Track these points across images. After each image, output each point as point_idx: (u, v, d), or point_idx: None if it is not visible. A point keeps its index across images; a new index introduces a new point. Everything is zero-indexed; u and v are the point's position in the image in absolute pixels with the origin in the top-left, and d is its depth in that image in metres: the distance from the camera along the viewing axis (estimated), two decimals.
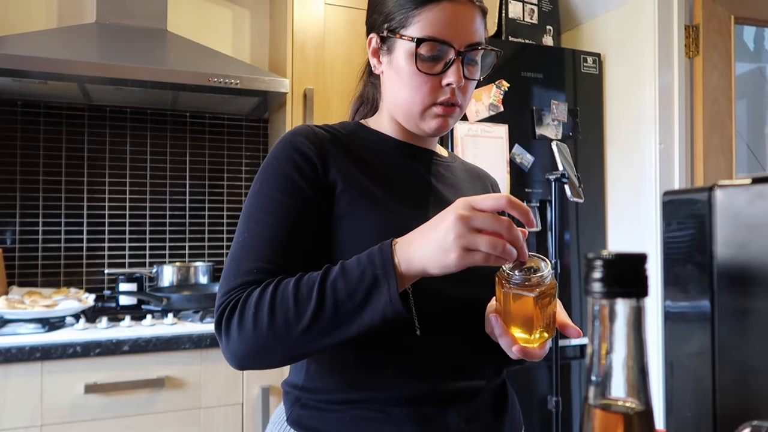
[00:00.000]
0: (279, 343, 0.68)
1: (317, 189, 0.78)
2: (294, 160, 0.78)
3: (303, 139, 0.80)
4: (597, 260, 0.34)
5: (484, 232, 0.61)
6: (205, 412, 1.63)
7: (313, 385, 0.78)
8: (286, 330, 0.67)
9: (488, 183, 1.00)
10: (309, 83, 2.00)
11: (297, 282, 0.69)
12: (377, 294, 0.65)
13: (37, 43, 1.72)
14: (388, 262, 0.65)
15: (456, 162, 0.98)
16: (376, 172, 0.83)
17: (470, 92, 0.85)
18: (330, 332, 0.67)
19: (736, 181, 0.42)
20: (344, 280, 0.66)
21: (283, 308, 0.67)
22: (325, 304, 0.66)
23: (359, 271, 0.66)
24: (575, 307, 2.13)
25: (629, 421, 0.33)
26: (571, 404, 2.11)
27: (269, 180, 0.78)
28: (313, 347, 0.69)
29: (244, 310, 0.70)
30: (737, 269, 0.41)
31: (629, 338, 0.33)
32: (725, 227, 0.42)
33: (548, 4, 2.30)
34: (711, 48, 2.06)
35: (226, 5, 2.32)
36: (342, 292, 0.66)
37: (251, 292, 0.70)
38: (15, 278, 2.02)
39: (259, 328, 0.68)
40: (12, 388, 1.46)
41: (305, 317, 0.66)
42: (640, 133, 2.11)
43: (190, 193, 2.26)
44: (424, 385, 0.75)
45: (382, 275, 0.65)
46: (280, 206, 0.76)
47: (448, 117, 0.83)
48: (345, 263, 0.68)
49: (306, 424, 0.77)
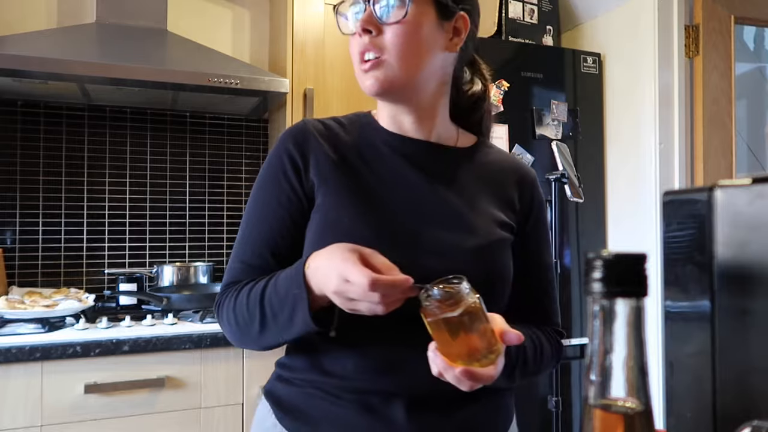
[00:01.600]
0: (248, 339, 0.81)
1: (300, 190, 0.82)
2: (282, 162, 0.83)
3: (291, 139, 0.84)
4: (597, 260, 0.34)
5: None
6: (205, 412, 1.63)
7: (288, 363, 0.86)
8: (248, 331, 0.79)
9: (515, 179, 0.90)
10: (309, 83, 2.00)
11: (250, 290, 0.78)
12: (297, 311, 0.72)
13: (37, 43, 1.72)
14: (301, 282, 0.71)
15: (479, 153, 0.90)
16: (358, 169, 0.83)
17: (399, 38, 0.77)
18: (277, 335, 0.77)
19: (736, 181, 0.42)
20: (276, 295, 0.75)
21: (241, 315, 0.79)
22: (266, 315, 0.76)
23: (284, 288, 0.74)
24: (575, 307, 2.13)
25: (629, 421, 0.33)
26: (571, 404, 2.11)
27: (262, 181, 0.85)
28: (273, 343, 0.80)
29: (222, 311, 0.83)
30: (737, 269, 0.41)
31: (629, 338, 0.33)
32: (725, 227, 0.42)
33: (548, 4, 2.30)
34: (711, 48, 2.06)
35: (226, 5, 2.32)
36: (275, 305, 0.75)
37: (229, 293, 0.82)
38: (15, 278, 2.02)
39: (232, 327, 0.82)
40: (12, 388, 1.46)
41: (255, 324, 0.78)
42: (640, 133, 2.11)
43: (190, 193, 2.26)
44: (372, 381, 0.78)
45: (299, 295, 0.72)
46: (267, 207, 0.83)
47: (372, 72, 0.78)
48: (278, 277, 0.76)
49: (275, 393, 0.85)
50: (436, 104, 0.86)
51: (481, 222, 0.83)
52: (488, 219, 0.84)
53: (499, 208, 0.86)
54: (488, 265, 0.81)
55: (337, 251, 0.68)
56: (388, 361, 0.78)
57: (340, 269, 0.65)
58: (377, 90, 0.80)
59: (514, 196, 0.89)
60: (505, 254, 0.84)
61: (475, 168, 0.88)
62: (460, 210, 0.83)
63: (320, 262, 0.70)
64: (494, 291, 0.81)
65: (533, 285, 0.91)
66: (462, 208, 0.83)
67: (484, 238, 0.82)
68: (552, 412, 1.85)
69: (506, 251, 0.85)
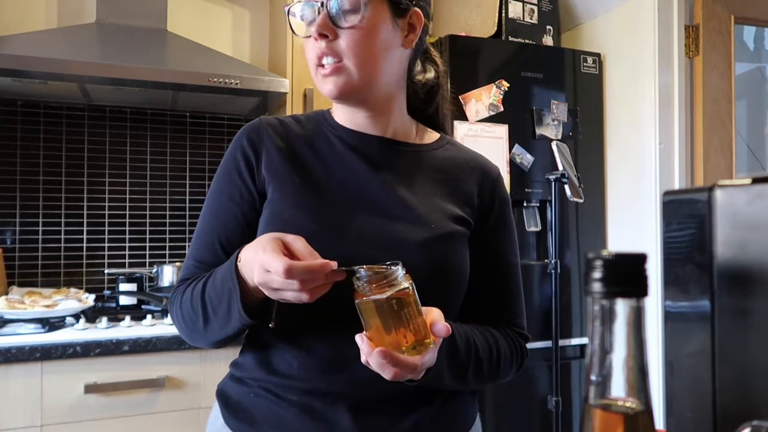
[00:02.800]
0: (196, 335, 0.82)
1: (252, 187, 0.82)
2: (235, 159, 0.84)
3: (245, 136, 0.85)
4: (597, 260, 0.34)
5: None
6: (205, 412, 1.63)
7: (240, 361, 0.86)
8: (195, 327, 0.80)
9: (477, 176, 0.89)
10: (309, 83, 2.00)
11: (194, 287, 0.79)
12: (233, 305, 0.72)
13: (37, 43, 1.72)
14: (233, 274, 0.72)
15: (440, 149, 0.90)
16: (308, 165, 0.83)
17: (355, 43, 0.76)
18: (219, 331, 0.77)
19: (736, 181, 0.42)
20: (214, 290, 0.75)
21: (187, 311, 0.80)
22: (207, 311, 0.77)
23: (220, 281, 0.74)
24: (575, 307, 2.13)
25: (629, 421, 0.33)
26: (571, 404, 2.11)
27: (216, 178, 0.86)
28: (217, 338, 0.80)
29: (173, 307, 0.84)
30: (737, 269, 0.41)
31: (629, 338, 0.33)
32: (725, 227, 0.42)
33: (548, 4, 2.30)
34: (711, 48, 2.06)
35: (226, 5, 2.32)
36: (214, 300, 0.75)
37: (181, 290, 0.82)
38: (15, 278, 2.02)
39: (181, 324, 0.83)
40: (12, 388, 1.46)
41: (199, 320, 0.78)
42: (640, 133, 2.11)
43: (190, 193, 2.26)
44: (317, 379, 0.77)
45: (232, 288, 0.72)
46: (219, 205, 0.83)
47: (332, 77, 0.78)
48: (217, 271, 0.76)
49: (225, 392, 0.85)
50: (392, 100, 0.85)
51: (433, 216, 0.82)
52: (441, 213, 0.83)
53: (454, 203, 0.85)
54: (439, 257, 0.79)
55: (262, 241, 0.67)
56: (333, 359, 0.77)
57: (261, 259, 0.65)
58: (337, 95, 0.79)
59: (473, 191, 0.87)
60: (458, 247, 0.82)
61: (432, 163, 0.87)
62: (411, 204, 0.82)
63: (249, 254, 0.70)
64: (447, 285, 0.81)
65: (496, 285, 0.88)
66: (413, 202, 0.82)
67: (435, 230, 0.80)
68: (552, 412, 1.85)
69: (459, 245, 0.83)
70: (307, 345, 0.78)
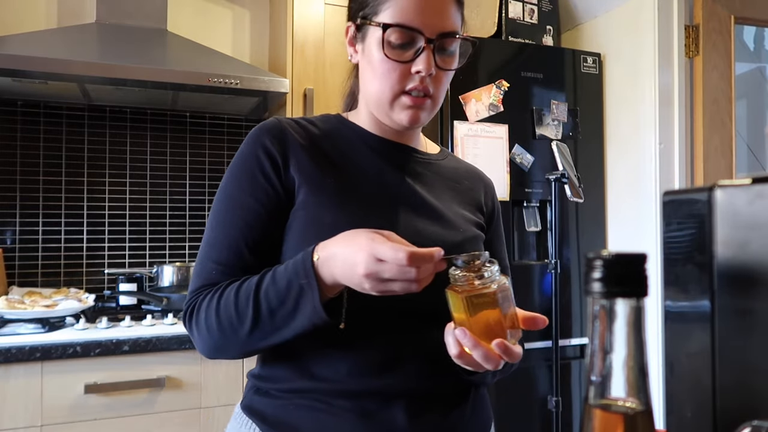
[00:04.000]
0: (231, 343, 0.75)
1: (279, 187, 0.79)
2: (258, 158, 0.80)
3: (268, 134, 0.81)
4: (597, 260, 0.34)
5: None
6: (205, 412, 1.63)
7: (267, 374, 0.81)
8: (233, 333, 0.74)
9: (481, 185, 0.95)
10: (309, 83, 2.00)
11: (238, 289, 0.74)
12: (303, 302, 0.69)
13: (37, 43, 1.72)
14: (309, 271, 0.69)
15: (445, 159, 0.94)
16: (339, 167, 0.82)
17: (444, 84, 0.82)
18: (270, 335, 0.73)
19: (736, 181, 0.42)
20: (274, 289, 0.71)
21: (227, 315, 0.73)
22: (261, 312, 0.71)
23: (286, 280, 0.70)
24: (575, 307, 2.13)
25: (629, 421, 0.33)
26: (571, 404, 2.11)
27: (234, 178, 0.82)
28: (261, 346, 0.75)
29: (199, 314, 0.77)
30: (737, 269, 0.41)
31: (629, 338, 0.33)
32: (725, 227, 0.42)
33: (548, 4, 2.30)
34: (711, 48, 2.06)
35: (226, 5, 2.32)
36: (274, 300, 0.71)
37: (206, 296, 0.76)
38: (15, 278, 2.02)
39: (211, 332, 0.75)
40: (12, 388, 1.46)
41: (246, 324, 0.72)
42: (640, 133, 2.11)
43: (190, 193, 2.26)
44: (369, 381, 0.76)
45: (306, 285, 0.69)
46: (242, 206, 0.79)
47: (419, 109, 0.80)
48: (276, 271, 0.73)
49: (256, 409, 0.81)
50: None
51: (458, 221, 0.86)
52: (463, 219, 0.87)
53: (469, 210, 0.89)
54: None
55: (358, 235, 0.66)
56: (385, 360, 0.76)
57: (369, 249, 0.63)
58: (415, 126, 0.82)
59: (481, 199, 0.93)
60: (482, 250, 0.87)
61: (443, 172, 0.91)
62: (439, 208, 0.85)
63: (336, 248, 0.67)
64: None
65: None
66: (440, 208, 0.85)
67: (464, 234, 0.84)
68: (552, 412, 1.85)
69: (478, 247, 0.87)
70: (352, 347, 0.76)
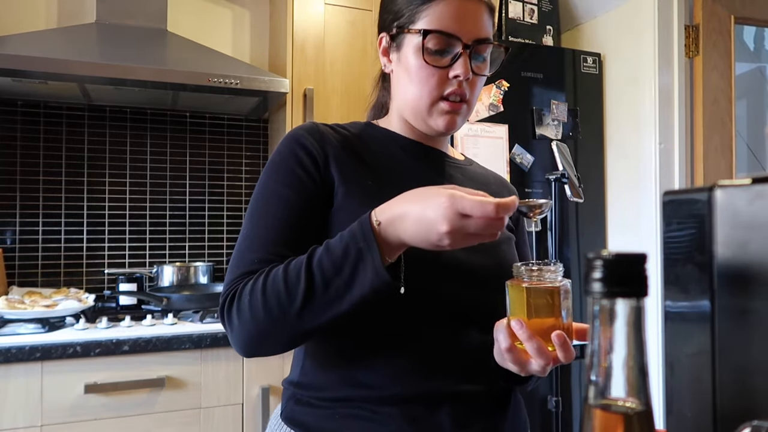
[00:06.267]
0: (277, 326, 0.70)
1: (319, 183, 0.80)
2: (297, 155, 0.80)
3: (306, 134, 0.82)
4: (597, 260, 0.34)
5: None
6: (205, 412, 1.63)
7: (307, 382, 0.80)
8: (281, 313, 0.69)
9: (506, 191, 0.97)
10: (309, 83, 2.00)
11: (286, 267, 0.70)
12: (363, 266, 0.66)
13: (37, 43, 1.72)
14: (369, 234, 0.66)
15: (472, 165, 0.97)
16: (376, 169, 0.83)
17: (478, 88, 0.85)
18: (324, 310, 0.68)
19: (736, 181, 0.42)
20: (329, 258, 0.68)
21: (275, 293, 0.69)
22: (315, 283, 0.68)
23: (342, 246, 0.68)
24: (575, 307, 2.13)
25: (629, 421, 0.33)
26: (571, 404, 2.11)
27: (273, 174, 0.81)
28: (310, 326, 0.70)
29: (241, 299, 0.72)
30: (737, 269, 0.41)
31: (629, 338, 0.33)
32: (725, 227, 0.42)
33: (548, 4, 2.30)
34: (711, 48, 2.06)
35: (226, 5, 2.32)
36: (329, 269, 0.67)
37: (248, 281, 0.73)
38: (15, 278, 2.02)
39: (255, 315, 0.70)
40: (12, 388, 1.46)
41: (297, 299, 0.68)
42: (640, 133, 2.11)
43: (190, 193, 2.26)
44: (415, 386, 0.75)
45: (365, 248, 0.66)
46: (282, 199, 0.78)
47: (456, 114, 0.82)
48: (328, 241, 0.70)
49: (298, 419, 0.79)
50: None
51: None
52: None
53: None
54: (505, 258, 0.85)
55: (431, 192, 0.64)
56: (428, 363, 0.76)
57: (453, 204, 0.61)
58: (450, 130, 0.84)
59: None
60: (512, 250, 0.90)
61: (472, 177, 0.94)
62: None
63: (407, 207, 0.65)
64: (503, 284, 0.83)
65: None
66: None
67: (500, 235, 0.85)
68: (552, 412, 1.85)
69: (513, 248, 0.91)
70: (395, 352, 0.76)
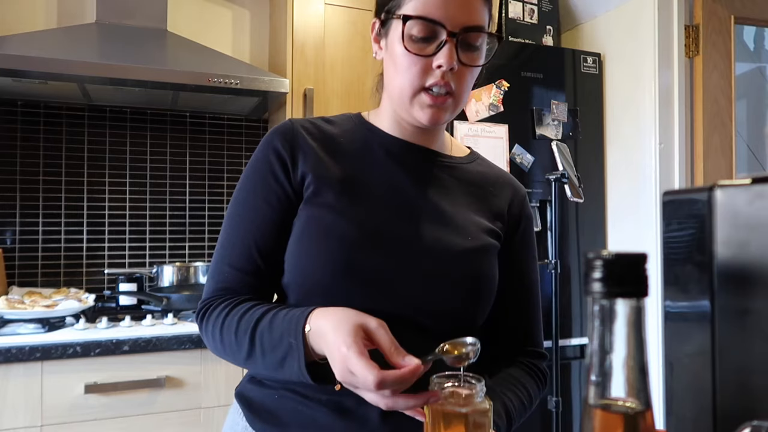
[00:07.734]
0: (232, 360, 0.79)
1: (289, 189, 0.80)
2: (269, 161, 0.81)
3: (279, 137, 0.82)
4: (597, 260, 0.34)
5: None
6: (205, 412, 1.63)
7: None
8: (232, 354, 0.78)
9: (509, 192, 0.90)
10: (309, 83, 2.00)
11: (241, 316, 0.76)
12: (291, 359, 0.70)
13: (37, 43, 1.72)
14: (299, 336, 0.69)
15: (471, 163, 0.91)
16: (350, 168, 0.81)
17: (468, 81, 0.78)
18: (264, 369, 0.76)
19: (736, 181, 0.42)
20: (269, 336, 0.72)
21: (228, 338, 0.76)
22: (255, 350, 0.74)
23: (280, 331, 0.71)
24: (575, 307, 2.13)
25: (629, 421, 0.33)
26: (571, 404, 2.11)
27: (247, 182, 0.82)
28: (260, 373, 0.80)
29: (208, 323, 0.80)
30: (737, 269, 0.41)
31: (629, 338, 0.33)
32: (725, 227, 0.42)
33: (548, 4, 2.30)
34: (711, 48, 2.06)
35: (226, 5, 2.32)
36: (267, 345, 0.72)
37: (217, 306, 0.79)
38: (15, 278, 2.02)
39: (216, 345, 0.79)
40: (12, 388, 1.46)
41: (242, 352, 0.75)
42: (640, 133, 2.11)
43: (190, 193, 2.26)
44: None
45: (294, 345, 0.69)
46: (254, 209, 0.80)
47: (440, 108, 0.77)
48: (276, 315, 0.73)
49: (246, 395, 0.84)
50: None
51: (469, 228, 0.83)
52: (475, 226, 0.84)
53: (486, 217, 0.86)
54: (476, 267, 0.81)
55: (343, 325, 0.64)
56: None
57: (344, 358, 0.61)
58: (434, 124, 0.79)
59: (503, 207, 0.89)
60: (491, 259, 0.84)
61: (466, 177, 0.88)
62: (449, 215, 0.82)
63: (324, 326, 0.66)
64: (480, 294, 0.81)
65: (519, 300, 0.90)
66: (451, 213, 0.83)
67: (473, 242, 0.82)
68: (552, 412, 1.85)
69: (493, 258, 0.84)
70: None
